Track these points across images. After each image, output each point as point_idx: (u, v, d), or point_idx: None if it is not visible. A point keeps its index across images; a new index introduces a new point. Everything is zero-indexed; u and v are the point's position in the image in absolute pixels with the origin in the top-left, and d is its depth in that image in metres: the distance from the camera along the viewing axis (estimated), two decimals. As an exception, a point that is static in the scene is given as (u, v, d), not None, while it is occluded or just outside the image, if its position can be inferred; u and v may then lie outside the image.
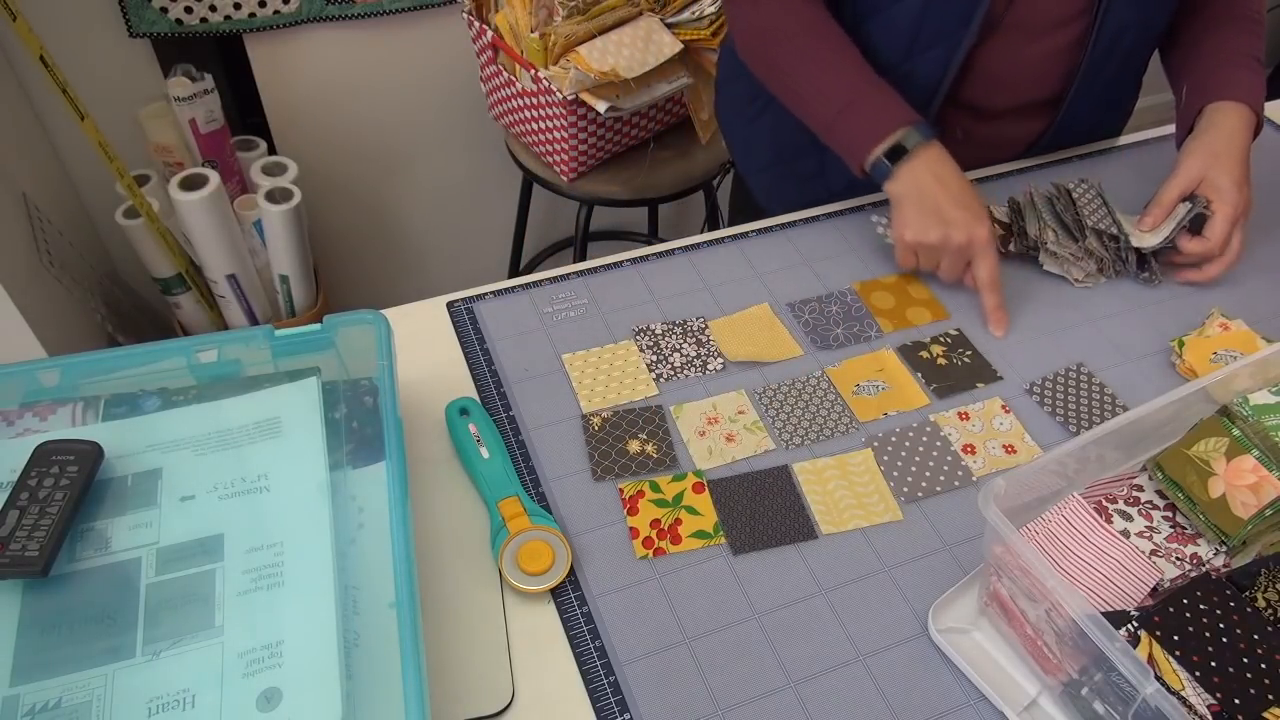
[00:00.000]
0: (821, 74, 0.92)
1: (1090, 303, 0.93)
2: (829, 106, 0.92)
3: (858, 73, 0.91)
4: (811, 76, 0.93)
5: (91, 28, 1.49)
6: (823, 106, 0.92)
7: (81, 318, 1.53)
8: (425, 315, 0.88)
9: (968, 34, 0.90)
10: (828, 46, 0.93)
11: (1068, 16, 0.91)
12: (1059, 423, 0.81)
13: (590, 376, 0.83)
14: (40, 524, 0.57)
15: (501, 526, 0.69)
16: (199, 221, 1.46)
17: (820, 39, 0.93)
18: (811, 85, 0.93)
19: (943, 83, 0.95)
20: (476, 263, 2.17)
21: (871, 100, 0.90)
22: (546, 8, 1.41)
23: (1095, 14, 0.90)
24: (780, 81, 0.97)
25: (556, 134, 1.49)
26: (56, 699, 0.52)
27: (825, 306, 0.91)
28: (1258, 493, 0.63)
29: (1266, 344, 0.87)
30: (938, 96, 0.97)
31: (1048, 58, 0.95)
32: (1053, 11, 0.91)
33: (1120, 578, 0.62)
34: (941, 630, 0.66)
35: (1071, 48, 0.94)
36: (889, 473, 0.77)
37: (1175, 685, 0.54)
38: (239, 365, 0.70)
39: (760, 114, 1.10)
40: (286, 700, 0.53)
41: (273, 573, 0.58)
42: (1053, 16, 0.91)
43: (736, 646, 0.65)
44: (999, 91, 0.99)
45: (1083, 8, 0.91)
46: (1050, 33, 0.92)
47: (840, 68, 0.92)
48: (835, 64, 0.92)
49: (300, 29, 1.62)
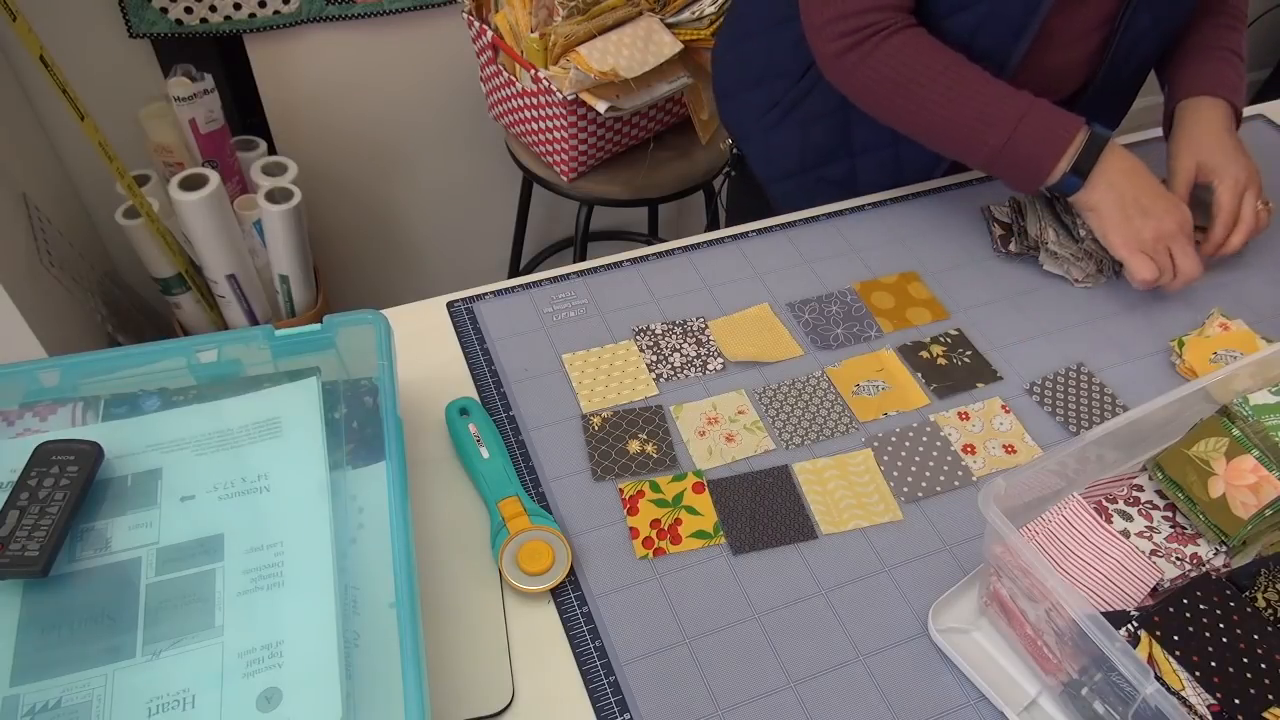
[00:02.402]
0: (970, 104, 0.87)
1: (1090, 303, 0.93)
2: (991, 137, 0.87)
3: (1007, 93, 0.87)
4: (959, 111, 0.88)
5: (91, 28, 1.49)
6: (981, 140, 0.88)
7: (81, 318, 1.53)
8: (425, 315, 0.88)
9: (1020, 46, 0.90)
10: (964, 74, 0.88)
11: (1091, 27, 0.92)
12: (1059, 423, 0.81)
13: (590, 376, 0.83)
14: (40, 524, 0.57)
15: (501, 526, 0.69)
16: (199, 221, 1.46)
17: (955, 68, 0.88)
18: (961, 120, 0.88)
19: None
20: (476, 263, 2.17)
21: (1035, 116, 0.86)
22: (546, 8, 1.41)
23: (1116, 24, 0.91)
24: (919, 124, 0.91)
25: (556, 134, 1.49)
26: (56, 699, 0.52)
27: (825, 306, 0.91)
28: (1258, 493, 0.63)
29: (1266, 344, 0.87)
30: None
31: (1071, 65, 0.96)
32: (1083, 21, 0.91)
33: (1120, 578, 0.62)
34: (941, 630, 0.66)
35: (1091, 57, 0.95)
36: (889, 473, 0.77)
37: (1175, 685, 0.54)
38: (239, 365, 0.70)
39: (781, 120, 1.09)
40: (286, 700, 0.53)
41: (273, 573, 0.58)
42: (1083, 26, 0.92)
43: (736, 646, 0.65)
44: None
45: (1105, 17, 0.91)
46: (1078, 41, 0.93)
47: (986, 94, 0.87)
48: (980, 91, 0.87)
49: (300, 29, 1.62)
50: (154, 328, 1.77)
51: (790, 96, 1.06)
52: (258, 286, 1.63)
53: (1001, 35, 0.90)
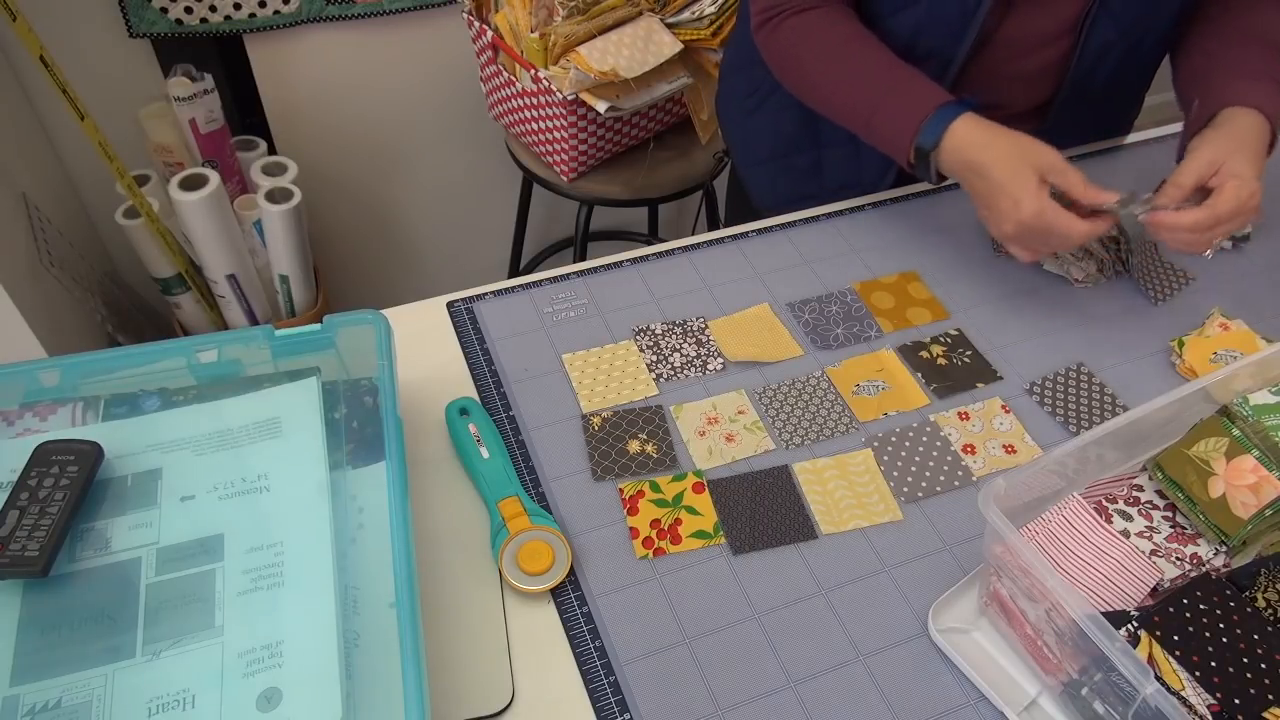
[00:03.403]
0: (849, 82, 0.91)
1: (1090, 303, 0.93)
2: (860, 113, 0.90)
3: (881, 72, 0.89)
4: (841, 88, 0.91)
5: (91, 28, 1.49)
6: (858, 118, 0.91)
7: (81, 318, 1.53)
8: (425, 315, 0.88)
9: (961, 50, 0.91)
10: (850, 51, 0.91)
11: (1053, 34, 0.92)
12: (1059, 423, 0.81)
13: (590, 376, 0.83)
14: (40, 524, 0.57)
15: (501, 526, 0.69)
16: (199, 221, 1.46)
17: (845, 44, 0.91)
18: (842, 96, 0.92)
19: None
20: (476, 263, 2.17)
21: (893, 97, 0.88)
22: (546, 8, 1.41)
23: (1079, 32, 0.91)
24: (816, 99, 0.95)
25: (556, 134, 1.49)
26: (56, 699, 0.52)
27: (825, 306, 0.91)
28: (1258, 493, 0.63)
29: (1266, 344, 0.87)
30: None
31: (1035, 73, 0.96)
32: (1040, 29, 0.91)
33: (1120, 578, 0.62)
34: (941, 630, 0.66)
35: (1058, 63, 0.95)
36: (889, 473, 0.77)
37: (1175, 685, 0.54)
38: (239, 365, 0.70)
39: (757, 108, 1.10)
40: (286, 700, 0.53)
41: (273, 573, 0.58)
42: (1040, 34, 0.92)
43: (736, 646, 0.65)
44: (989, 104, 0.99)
45: (1068, 26, 0.91)
46: (1037, 49, 0.93)
47: (862, 72, 0.90)
48: (858, 69, 0.90)
49: (300, 29, 1.62)
50: (154, 328, 1.77)
51: (768, 83, 1.07)
52: (258, 286, 1.63)
53: (942, 37, 0.91)
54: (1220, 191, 0.81)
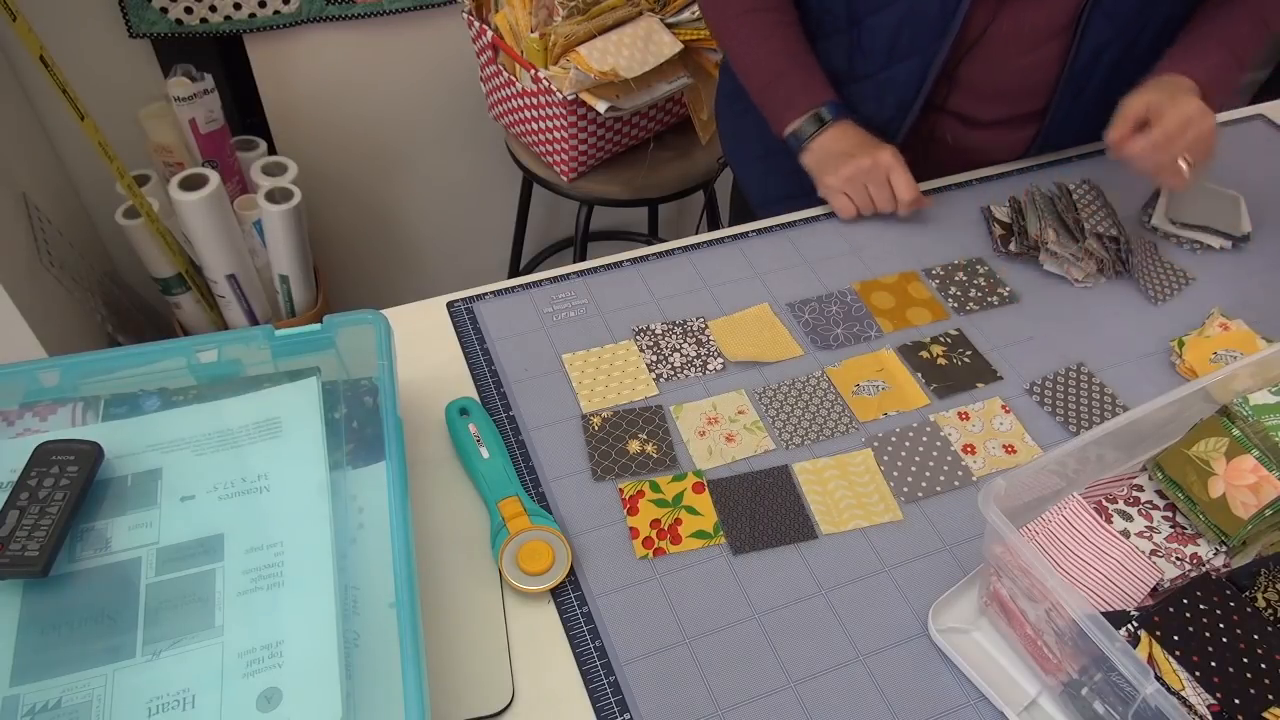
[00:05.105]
0: (759, 45, 1.01)
1: (1090, 303, 0.93)
2: (760, 78, 1.03)
3: (788, 47, 1.00)
4: (751, 48, 1.02)
5: (91, 28, 1.49)
6: (756, 77, 1.03)
7: (81, 318, 1.53)
8: (425, 315, 0.88)
9: (942, 47, 0.92)
10: (770, 20, 1.00)
11: (1048, 33, 0.92)
12: (1059, 423, 0.81)
13: (590, 376, 0.83)
14: (40, 524, 0.57)
15: (501, 526, 0.69)
16: (199, 221, 1.46)
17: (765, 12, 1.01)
18: (750, 56, 1.02)
19: (920, 91, 0.97)
20: (476, 263, 2.17)
21: (791, 78, 1.00)
22: (546, 8, 1.41)
23: (1075, 31, 0.91)
24: (730, 51, 1.06)
25: (556, 134, 1.49)
26: (56, 699, 0.52)
27: (825, 306, 0.91)
28: (1258, 493, 0.63)
29: (1266, 344, 0.87)
30: (916, 104, 0.98)
31: (1031, 70, 0.96)
32: (1034, 27, 0.92)
33: (1120, 578, 0.62)
34: (941, 630, 0.66)
35: (1053, 62, 0.95)
36: (889, 473, 0.77)
37: (1175, 685, 0.54)
38: (239, 365, 0.70)
39: (748, 107, 1.10)
40: (286, 700, 0.53)
41: (273, 573, 0.58)
42: (1034, 32, 0.92)
43: (736, 646, 0.65)
44: (985, 102, 1.00)
45: (1064, 24, 0.91)
46: (1033, 48, 0.94)
47: (773, 43, 1.00)
48: (771, 37, 1.00)
49: (300, 29, 1.62)
50: (154, 328, 1.77)
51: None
52: (258, 286, 1.63)
53: (922, 35, 0.92)
54: (1160, 115, 0.87)
